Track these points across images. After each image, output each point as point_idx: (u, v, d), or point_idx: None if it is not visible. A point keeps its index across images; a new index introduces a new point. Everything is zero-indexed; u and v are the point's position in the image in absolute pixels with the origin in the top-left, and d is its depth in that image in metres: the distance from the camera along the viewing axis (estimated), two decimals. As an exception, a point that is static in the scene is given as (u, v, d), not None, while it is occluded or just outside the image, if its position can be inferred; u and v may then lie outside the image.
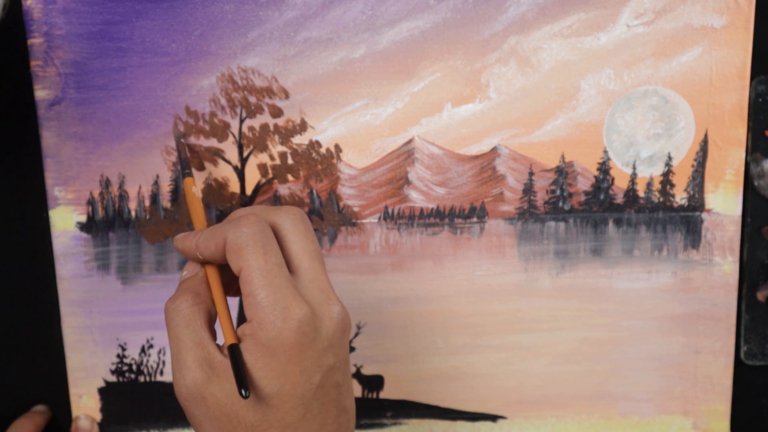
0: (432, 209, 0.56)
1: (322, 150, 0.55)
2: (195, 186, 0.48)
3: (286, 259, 0.41)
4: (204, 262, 0.43)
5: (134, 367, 0.58)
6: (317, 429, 0.40)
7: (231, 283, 0.44)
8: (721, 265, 0.57)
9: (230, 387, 0.39)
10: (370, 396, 0.59)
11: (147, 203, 0.56)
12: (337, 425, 0.41)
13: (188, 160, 0.52)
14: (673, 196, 0.56)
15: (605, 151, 0.55)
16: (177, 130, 0.54)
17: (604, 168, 0.55)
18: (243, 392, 0.37)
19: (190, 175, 0.49)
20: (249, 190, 0.56)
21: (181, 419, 0.59)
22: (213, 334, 0.41)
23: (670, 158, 0.55)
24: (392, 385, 0.58)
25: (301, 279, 0.41)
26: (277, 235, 0.41)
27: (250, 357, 0.39)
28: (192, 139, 0.54)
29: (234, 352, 0.39)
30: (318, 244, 0.42)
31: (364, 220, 0.56)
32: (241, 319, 0.56)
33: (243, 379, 0.38)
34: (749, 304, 0.57)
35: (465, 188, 0.56)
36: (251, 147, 0.55)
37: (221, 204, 0.56)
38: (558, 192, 0.56)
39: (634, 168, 0.55)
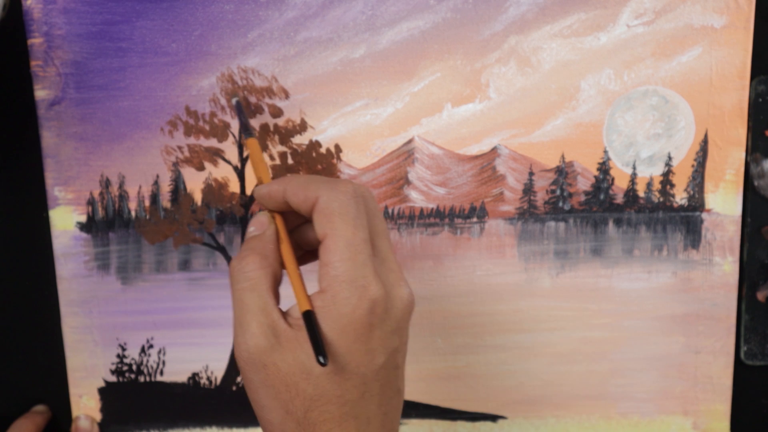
0: (432, 209, 0.56)
1: (322, 150, 0.55)
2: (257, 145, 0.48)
3: None
4: (277, 212, 0.42)
5: (134, 367, 0.58)
6: (373, 409, 0.40)
7: (295, 249, 0.43)
8: (721, 265, 0.57)
9: (293, 358, 0.39)
10: (370, 396, 0.59)
11: (147, 203, 0.56)
12: (390, 407, 0.41)
13: (248, 121, 0.51)
14: (673, 196, 0.56)
15: (605, 151, 0.55)
16: (234, 91, 0.53)
17: (604, 168, 0.55)
18: (321, 359, 0.37)
19: (254, 135, 0.49)
20: (249, 190, 0.56)
21: (182, 419, 0.59)
22: (277, 299, 0.41)
23: (670, 158, 0.55)
24: (392, 385, 0.58)
25: (376, 258, 0.40)
26: None
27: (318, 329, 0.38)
28: (192, 139, 0.54)
29: (310, 319, 0.38)
30: (386, 224, 0.42)
31: (364, 220, 0.56)
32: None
33: (320, 347, 0.37)
34: (749, 304, 0.57)
35: (465, 188, 0.56)
36: (251, 147, 0.55)
37: (221, 204, 0.56)
38: (558, 192, 0.56)
39: (634, 168, 0.55)
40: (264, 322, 0.39)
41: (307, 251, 0.45)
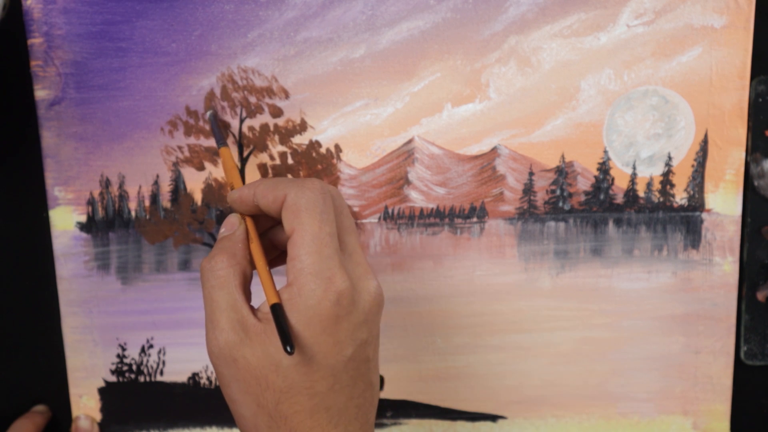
0: (432, 209, 0.56)
1: (322, 150, 0.55)
2: (229, 153, 0.50)
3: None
4: (250, 215, 0.43)
5: (134, 367, 0.58)
6: (344, 401, 0.40)
7: (266, 251, 0.44)
8: (721, 265, 0.57)
9: (262, 351, 0.39)
10: (370, 396, 0.59)
11: (147, 203, 0.56)
12: (363, 399, 0.41)
13: (222, 132, 0.52)
14: (673, 196, 0.56)
15: (605, 151, 0.55)
16: (209, 105, 0.53)
17: (604, 168, 0.55)
18: (288, 348, 0.37)
19: (225, 145, 0.50)
20: (249, 190, 0.55)
21: (181, 419, 0.59)
22: (247, 296, 0.41)
23: (670, 158, 0.55)
24: (392, 385, 0.58)
25: (343, 253, 0.41)
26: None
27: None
28: (192, 139, 0.54)
29: (277, 311, 0.39)
30: (354, 221, 0.42)
31: (364, 220, 0.56)
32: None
33: (287, 336, 0.38)
34: (749, 304, 0.57)
35: (465, 188, 0.56)
36: (251, 147, 0.55)
37: (221, 204, 0.56)
38: (558, 192, 0.56)
39: (634, 168, 0.55)
40: (233, 318, 0.40)
41: (282, 252, 0.46)
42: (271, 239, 0.46)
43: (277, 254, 0.46)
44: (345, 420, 0.40)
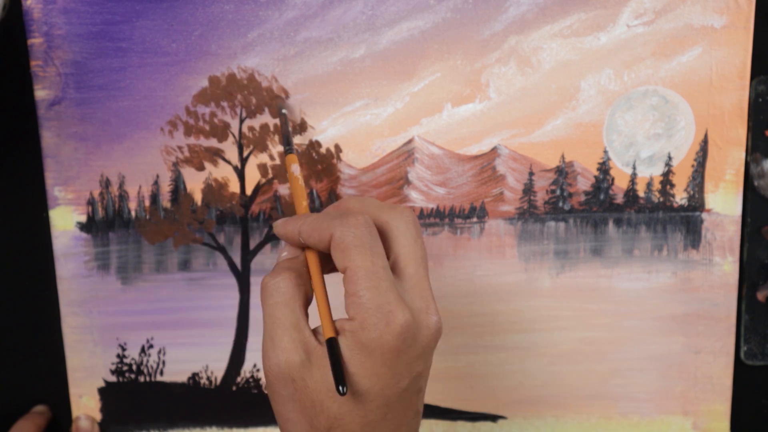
0: (432, 209, 0.56)
1: (322, 150, 0.55)
2: (296, 164, 0.47)
3: (393, 261, 0.41)
4: (304, 248, 0.43)
5: (134, 367, 0.58)
6: (392, 429, 0.41)
7: (324, 266, 0.43)
8: (721, 265, 0.57)
9: (321, 376, 0.39)
10: (370, 396, 0.59)
11: (147, 203, 0.56)
12: (409, 427, 0.42)
13: (290, 134, 0.51)
14: (673, 196, 0.56)
15: (605, 151, 0.55)
16: (281, 101, 0.53)
17: (604, 168, 0.55)
18: (341, 389, 0.37)
19: (291, 151, 0.48)
20: (249, 190, 0.56)
21: (182, 419, 0.59)
22: (308, 318, 0.41)
23: (670, 158, 0.55)
24: (392, 385, 0.58)
25: (404, 284, 0.41)
26: (389, 235, 0.41)
27: (348, 352, 0.39)
28: (192, 139, 0.54)
29: (333, 346, 0.39)
30: (425, 251, 0.42)
31: (364, 220, 0.56)
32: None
33: (341, 375, 0.38)
34: (749, 304, 0.57)
35: (465, 188, 0.56)
36: (251, 147, 0.55)
37: (221, 204, 0.56)
38: (558, 192, 0.56)
39: (634, 168, 0.55)
40: (296, 338, 0.40)
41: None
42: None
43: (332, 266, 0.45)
44: None
